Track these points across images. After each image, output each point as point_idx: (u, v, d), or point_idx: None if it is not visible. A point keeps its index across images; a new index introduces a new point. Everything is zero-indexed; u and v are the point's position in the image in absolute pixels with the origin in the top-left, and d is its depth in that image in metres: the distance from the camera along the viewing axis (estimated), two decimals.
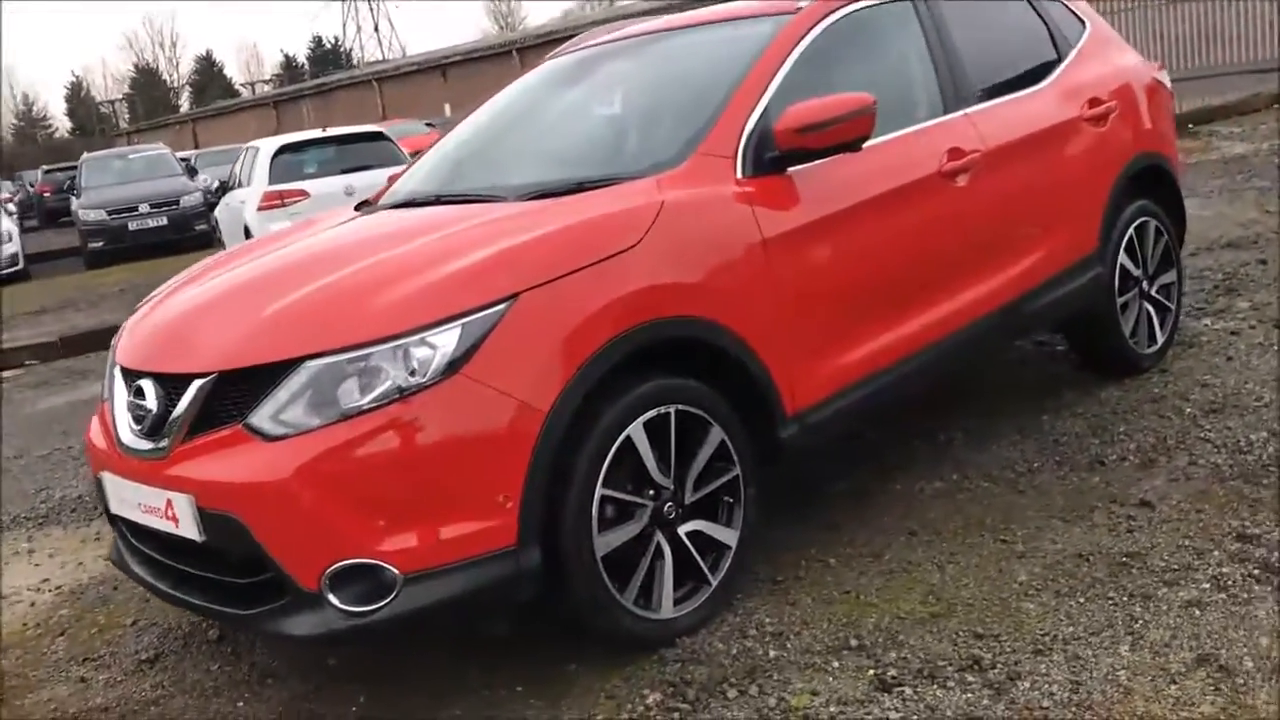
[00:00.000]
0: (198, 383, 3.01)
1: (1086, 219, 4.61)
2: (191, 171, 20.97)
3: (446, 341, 2.84)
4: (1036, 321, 4.54)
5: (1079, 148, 4.59)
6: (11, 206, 30.46)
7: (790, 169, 3.58)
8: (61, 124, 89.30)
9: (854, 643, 3.10)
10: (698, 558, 3.26)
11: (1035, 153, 4.38)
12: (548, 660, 3.22)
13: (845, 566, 3.59)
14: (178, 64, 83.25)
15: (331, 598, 2.82)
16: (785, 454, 3.49)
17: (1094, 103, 4.68)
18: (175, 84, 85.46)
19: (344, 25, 68.96)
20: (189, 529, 3.00)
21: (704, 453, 3.27)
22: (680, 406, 3.19)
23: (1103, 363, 4.97)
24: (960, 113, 4.18)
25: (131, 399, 3.23)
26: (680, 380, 3.21)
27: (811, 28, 3.87)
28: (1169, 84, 5.28)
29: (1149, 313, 4.99)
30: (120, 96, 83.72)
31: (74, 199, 20.07)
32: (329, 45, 79.15)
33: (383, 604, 2.81)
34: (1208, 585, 3.15)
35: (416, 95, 40.77)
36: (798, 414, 3.50)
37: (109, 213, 18.42)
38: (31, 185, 36.82)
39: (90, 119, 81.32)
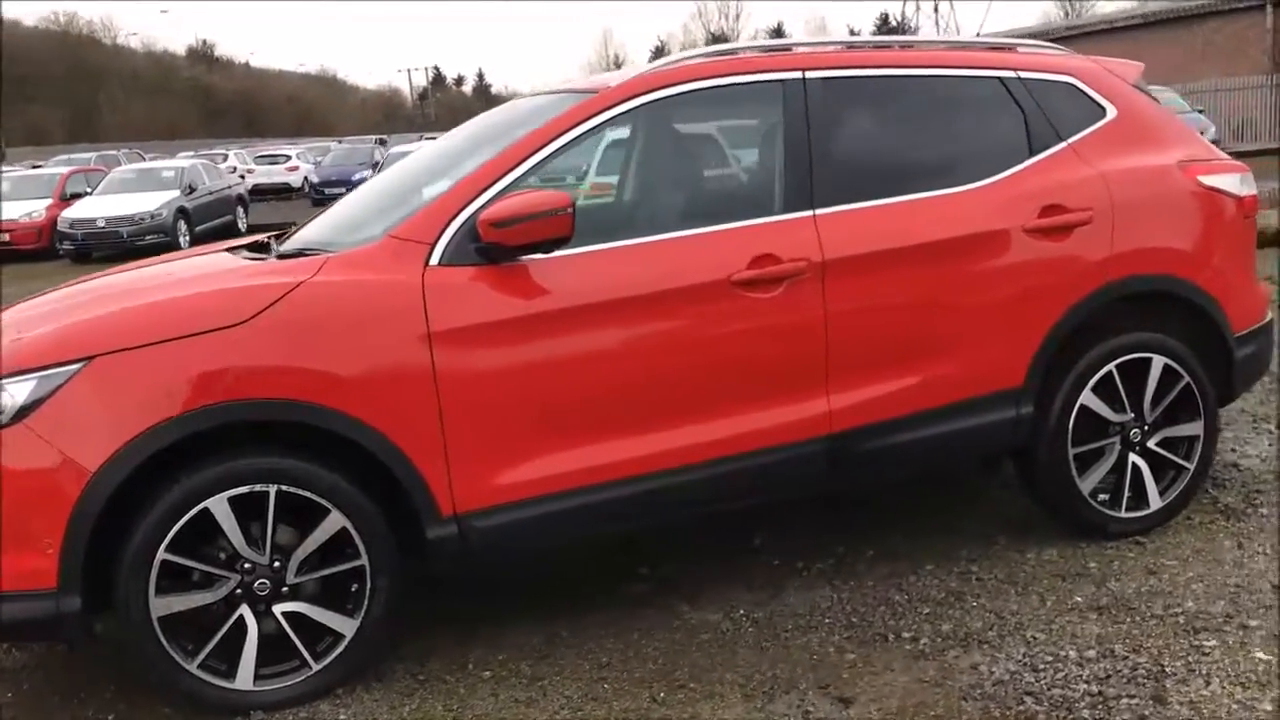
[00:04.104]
0: None
1: (1005, 347, 3.86)
2: None
3: (20, 391, 3.11)
4: (888, 460, 3.82)
5: (1005, 262, 3.83)
6: None
7: (525, 259, 3.41)
8: None
9: None
10: (295, 639, 3.28)
11: (917, 266, 3.74)
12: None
13: (495, 681, 3.41)
14: (738, 35, 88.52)
15: None
16: (440, 553, 3.38)
17: (1051, 210, 3.89)
18: None
19: (903, 3, 69.38)
20: None
21: (315, 537, 3.27)
22: (284, 488, 3.22)
23: (1057, 516, 4.17)
24: (805, 213, 3.67)
25: None
26: (285, 461, 3.24)
27: (601, 111, 3.59)
28: (1239, 191, 4.20)
29: (1139, 470, 4.08)
30: None
31: None
32: (895, 22, 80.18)
33: None
34: None
35: None
36: (459, 515, 3.37)
37: None
38: None
39: None
